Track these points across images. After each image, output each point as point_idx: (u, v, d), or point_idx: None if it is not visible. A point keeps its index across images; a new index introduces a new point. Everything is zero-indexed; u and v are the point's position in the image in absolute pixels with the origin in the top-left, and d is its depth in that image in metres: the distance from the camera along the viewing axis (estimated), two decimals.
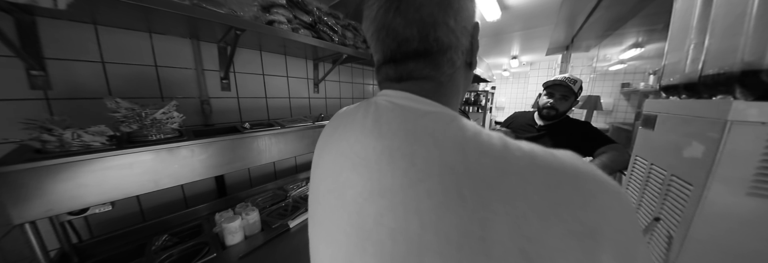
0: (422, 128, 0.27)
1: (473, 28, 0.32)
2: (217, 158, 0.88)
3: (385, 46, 0.32)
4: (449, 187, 0.22)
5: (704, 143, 0.50)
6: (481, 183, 0.21)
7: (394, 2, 0.29)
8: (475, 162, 0.22)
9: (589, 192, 0.21)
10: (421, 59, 0.31)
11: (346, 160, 0.31)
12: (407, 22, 0.29)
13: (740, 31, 0.47)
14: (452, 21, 0.29)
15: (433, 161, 0.24)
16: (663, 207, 0.60)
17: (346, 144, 0.32)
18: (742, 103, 0.45)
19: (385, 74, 0.34)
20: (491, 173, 0.22)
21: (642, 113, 0.76)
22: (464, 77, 0.35)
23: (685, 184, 0.54)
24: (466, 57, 0.33)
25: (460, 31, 0.30)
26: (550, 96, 1.32)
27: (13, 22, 0.70)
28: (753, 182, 0.45)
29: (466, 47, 0.32)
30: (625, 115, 3.68)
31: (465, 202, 0.21)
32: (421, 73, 0.31)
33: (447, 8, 0.29)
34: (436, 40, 0.30)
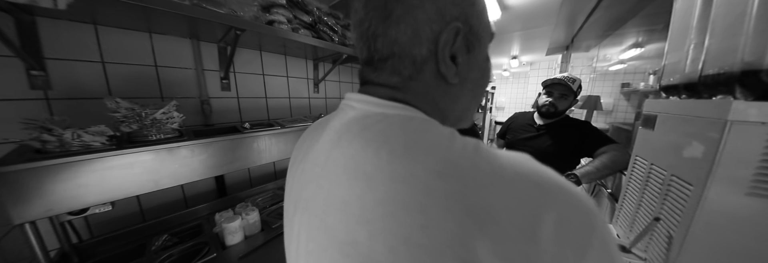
0: (378, 131, 0.26)
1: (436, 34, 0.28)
2: (217, 158, 0.88)
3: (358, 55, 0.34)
4: (393, 195, 0.21)
5: (704, 143, 0.50)
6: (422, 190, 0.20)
7: (353, 18, 0.32)
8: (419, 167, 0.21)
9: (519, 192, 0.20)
10: (368, 66, 0.32)
11: (309, 171, 0.30)
12: (358, 36, 0.31)
13: (740, 31, 0.47)
14: (392, 31, 0.28)
15: (379, 169, 0.23)
16: (663, 207, 0.60)
17: (311, 154, 0.31)
18: (742, 103, 0.45)
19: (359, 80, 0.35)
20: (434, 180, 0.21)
21: (642, 113, 0.76)
22: (439, 92, 0.31)
23: (685, 184, 0.54)
24: (433, 65, 0.29)
25: (405, 40, 0.28)
26: (549, 95, 1.32)
27: (13, 22, 0.70)
28: (753, 182, 0.45)
29: (423, 56, 0.29)
30: (625, 115, 3.68)
31: (407, 211, 0.20)
32: (369, 77, 0.32)
33: (385, 19, 0.28)
34: (376, 51, 0.30)
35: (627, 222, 0.77)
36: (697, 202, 0.49)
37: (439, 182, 0.20)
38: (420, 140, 0.24)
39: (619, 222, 0.82)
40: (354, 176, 0.24)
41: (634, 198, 0.75)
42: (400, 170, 0.22)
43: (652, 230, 0.61)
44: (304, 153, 0.34)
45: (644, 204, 0.69)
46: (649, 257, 0.60)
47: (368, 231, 0.21)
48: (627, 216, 0.77)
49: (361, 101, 0.31)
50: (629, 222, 0.75)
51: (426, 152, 0.22)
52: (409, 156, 0.22)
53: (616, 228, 0.85)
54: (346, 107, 0.32)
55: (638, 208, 0.72)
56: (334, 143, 0.28)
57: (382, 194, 0.22)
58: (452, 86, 0.31)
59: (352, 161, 0.25)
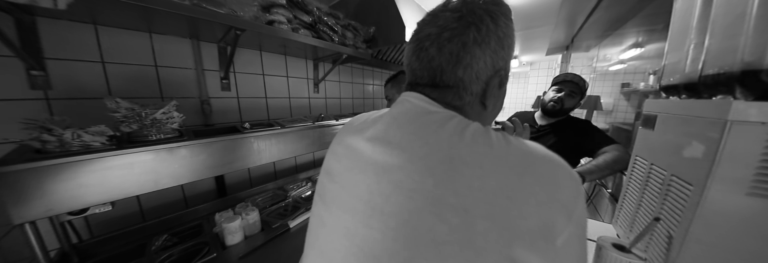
0: (432, 120, 0.36)
1: (489, 77, 0.39)
2: (217, 158, 0.88)
3: (409, 76, 0.44)
4: (453, 156, 0.31)
5: (704, 143, 0.50)
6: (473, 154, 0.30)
7: (417, 51, 0.40)
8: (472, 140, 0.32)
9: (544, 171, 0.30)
10: (433, 88, 0.41)
11: (369, 142, 0.39)
12: (422, 67, 0.40)
13: (740, 31, 0.47)
14: (460, 72, 0.38)
15: (441, 140, 0.32)
16: (663, 207, 0.60)
17: (369, 131, 0.40)
18: (742, 103, 0.45)
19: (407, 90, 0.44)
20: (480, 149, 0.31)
21: (642, 113, 0.76)
22: (476, 115, 0.42)
23: (685, 184, 0.54)
24: (479, 98, 0.41)
25: (468, 79, 0.38)
26: (559, 91, 1.31)
27: (13, 22, 0.70)
28: (753, 182, 0.45)
29: (478, 91, 0.40)
30: (625, 115, 3.67)
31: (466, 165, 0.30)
32: (431, 95, 0.41)
33: (456, 63, 0.37)
34: (442, 81, 0.39)
35: (627, 222, 0.76)
36: (697, 202, 0.49)
37: (488, 150, 0.31)
38: (470, 126, 0.34)
39: (619, 222, 0.82)
40: (419, 143, 0.33)
41: (634, 197, 0.75)
42: (457, 141, 0.32)
43: (652, 230, 0.61)
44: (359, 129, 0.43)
45: (644, 204, 0.69)
46: (649, 257, 0.60)
47: (434, 181, 0.30)
48: (627, 216, 0.77)
49: (420, 99, 0.40)
50: (629, 222, 0.75)
51: (474, 132, 0.33)
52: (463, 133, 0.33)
53: (616, 228, 0.85)
54: (405, 101, 0.41)
55: (638, 208, 0.72)
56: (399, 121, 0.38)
57: (445, 155, 0.31)
58: (485, 111, 0.43)
59: (415, 134, 0.35)
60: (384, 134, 0.38)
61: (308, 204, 1.27)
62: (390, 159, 0.34)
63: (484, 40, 0.37)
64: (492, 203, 0.27)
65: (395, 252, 0.29)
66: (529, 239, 0.26)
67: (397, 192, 0.31)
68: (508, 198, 0.27)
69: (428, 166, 0.31)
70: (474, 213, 0.27)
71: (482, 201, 0.27)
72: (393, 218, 0.30)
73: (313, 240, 0.42)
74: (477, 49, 0.37)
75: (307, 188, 1.48)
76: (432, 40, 0.38)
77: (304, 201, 1.34)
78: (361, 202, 0.34)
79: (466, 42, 0.36)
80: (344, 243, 0.34)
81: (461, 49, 0.37)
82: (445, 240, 0.27)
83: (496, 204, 0.27)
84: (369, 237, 0.32)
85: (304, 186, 1.50)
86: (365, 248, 0.32)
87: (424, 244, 0.28)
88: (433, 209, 0.28)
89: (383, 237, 0.30)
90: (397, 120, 0.39)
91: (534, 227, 0.27)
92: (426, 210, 0.29)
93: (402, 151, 0.34)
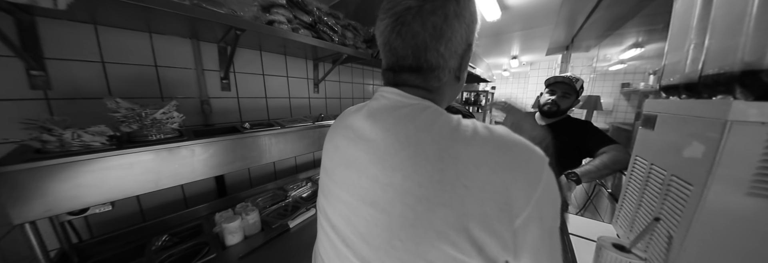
0: (404, 114, 0.37)
1: (464, 50, 0.40)
2: (217, 158, 0.88)
3: (387, 58, 0.42)
4: (418, 152, 0.33)
5: (704, 143, 0.50)
6: (437, 149, 0.33)
7: (397, 26, 0.37)
8: (437, 135, 0.34)
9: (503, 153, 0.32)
10: (413, 73, 0.40)
11: (351, 141, 0.41)
12: (405, 45, 0.38)
13: (740, 31, 0.47)
14: (442, 47, 0.37)
15: (410, 137, 0.35)
16: (663, 207, 0.60)
17: (352, 130, 0.42)
18: (742, 103, 0.45)
19: (386, 79, 0.44)
20: (444, 143, 0.33)
21: (642, 113, 0.76)
22: (450, 88, 0.44)
23: (685, 184, 0.54)
24: (455, 73, 0.42)
25: (449, 55, 0.38)
26: (552, 93, 1.32)
27: (13, 22, 0.70)
28: (753, 182, 0.45)
29: (455, 66, 0.41)
30: (625, 115, 3.67)
31: (428, 161, 0.32)
32: (413, 83, 0.41)
33: (439, 37, 0.36)
34: (426, 61, 0.38)
35: (627, 222, 0.77)
36: (697, 202, 0.49)
37: (451, 144, 0.32)
38: (437, 120, 0.36)
39: (619, 222, 0.82)
40: (390, 141, 0.36)
41: (634, 197, 0.75)
42: (425, 136, 0.34)
43: (652, 230, 0.61)
44: (343, 128, 0.45)
45: (644, 204, 0.69)
46: (649, 257, 0.60)
47: (402, 175, 0.33)
48: (627, 216, 0.77)
49: (394, 93, 0.41)
50: (629, 222, 0.75)
51: (441, 127, 0.35)
52: (430, 129, 0.35)
53: (616, 228, 0.85)
54: (383, 98, 0.42)
55: (638, 208, 0.72)
56: (375, 119, 0.40)
57: (411, 151, 0.34)
58: (457, 83, 0.44)
59: (389, 131, 0.37)
60: (361, 132, 0.40)
61: (308, 204, 1.28)
62: (367, 156, 0.38)
63: (462, 12, 0.36)
64: (450, 192, 0.30)
65: (377, 234, 0.35)
66: (485, 222, 0.30)
67: (374, 186, 0.36)
68: (464, 187, 0.30)
69: (398, 162, 0.34)
70: (435, 201, 0.31)
71: (441, 191, 0.31)
72: (373, 207, 0.35)
73: (320, 228, 0.48)
74: (456, 22, 0.36)
75: (307, 188, 1.48)
76: (414, 14, 0.35)
77: (304, 201, 1.34)
78: (348, 194, 0.39)
79: (448, 15, 0.35)
80: (341, 228, 0.40)
81: (444, 22, 0.35)
82: (413, 224, 0.32)
83: (454, 193, 0.30)
84: (358, 223, 0.37)
85: (304, 186, 1.50)
86: (356, 232, 0.38)
87: (398, 227, 0.33)
88: (402, 199, 0.33)
89: (367, 223, 0.36)
90: (373, 116, 0.40)
91: (490, 211, 0.30)
92: (397, 200, 0.33)
93: (376, 148, 0.37)
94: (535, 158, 0.33)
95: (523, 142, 0.34)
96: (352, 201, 0.39)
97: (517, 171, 0.31)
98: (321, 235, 0.47)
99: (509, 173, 0.31)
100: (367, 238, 0.36)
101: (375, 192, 0.35)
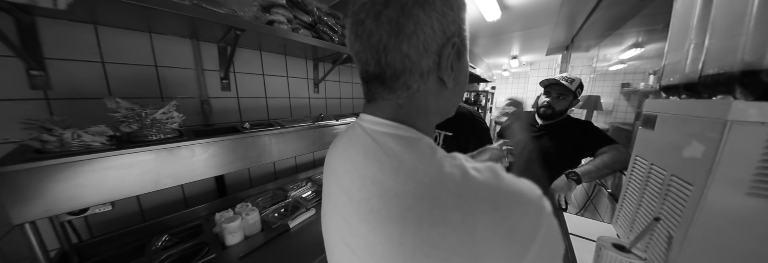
0: (373, 151, 0.32)
1: (441, 45, 0.32)
2: (217, 158, 0.88)
3: (357, 64, 0.36)
4: (382, 206, 0.28)
5: (704, 143, 0.50)
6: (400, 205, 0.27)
7: (354, 27, 0.32)
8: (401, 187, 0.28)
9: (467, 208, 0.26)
10: (379, 83, 0.34)
11: (331, 171, 0.39)
12: (363, 47, 0.33)
13: (740, 31, 0.47)
14: (405, 45, 0.30)
15: (376, 183, 0.30)
16: (663, 207, 0.60)
17: (334, 161, 0.39)
18: (742, 103, 0.45)
19: (363, 93, 0.38)
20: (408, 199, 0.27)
21: (642, 113, 0.76)
22: (436, 97, 0.35)
23: (685, 184, 0.54)
24: (436, 74, 0.34)
25: (417, 53, 0.31)
26: (547, 95, 1.32)
27: (13, 22, 0.70)
28: (753, 182, 0.45)
29: (430, 67, 0.33)
30: (625, 115, 3.67)
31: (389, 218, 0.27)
32: (381, 95, 0.35)
33: (397, 34, 0.30)
34: (388, 65, 0.32)
35: (627, 222, 0.77)
36: (697, 202, 0.49)
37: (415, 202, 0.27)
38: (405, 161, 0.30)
39: (619, 222, 0.82)
40: (357, 185, 0.32)
41: (634, 197, 0.75)
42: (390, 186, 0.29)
43: (652, 230, 0.61)
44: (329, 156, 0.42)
45: (644, 204, 0.69)
46: (649, 257, 0.60)
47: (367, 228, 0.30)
48: (627, 216, 0.77)
49: (368, 122, 0.36)
50: (629, 222, 0.75)
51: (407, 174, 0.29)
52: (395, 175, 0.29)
53: (616, 228, 0.85)
54: (358, 126, 0.38)
55: (638, 208, 0.72)
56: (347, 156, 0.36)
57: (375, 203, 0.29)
58: (447, 90, 0.36)
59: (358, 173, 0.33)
60: (339, 170, 0.37)
61: (308, 204, 1.28)
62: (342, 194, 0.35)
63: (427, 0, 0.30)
64: (411, 259, 0.26)
65: None
66: None
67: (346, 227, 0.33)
68: (426, 256, 0.25)
69: (364, 212, 0.30)
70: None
71: (399, 254, 0.26)
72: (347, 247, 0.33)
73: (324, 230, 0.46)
74: (420, 11, 0.30)
75: (307, 188, 1.48)
76: (367, 10, 0.31)
77: (304, 201, 1.34)
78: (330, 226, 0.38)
79: (404, 4, 0.29)
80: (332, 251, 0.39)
81: (400, 14, 0.29)
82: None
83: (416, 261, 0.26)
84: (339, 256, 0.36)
85: (304, 186, 1.50)
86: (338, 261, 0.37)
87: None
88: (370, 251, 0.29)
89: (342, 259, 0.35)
90: (347, 152, 0.36)
91: None
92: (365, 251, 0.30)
93: (348, 188, 0.33)
94: (523, 224, 0.25)
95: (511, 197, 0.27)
96: (333, 235, 0.37)
97: (495, 243, 0.24)
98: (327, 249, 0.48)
99: (482, 246, 0.24)
100: None
101: (347, 233, 0.33)
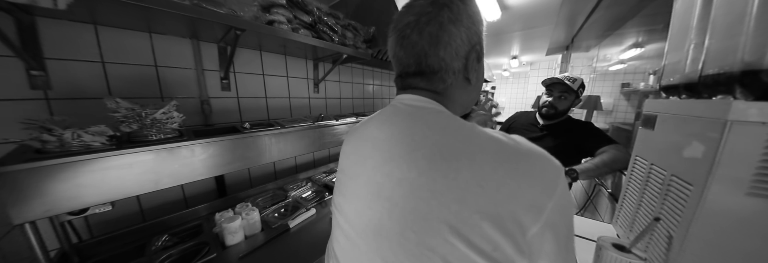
0: (419, 117, 0.41)
1: (467, 52, 0.42)
2: (217, 158, 0.88)
3: (396, 67, 0.47)
4: (434, 151, 0.36)
5: (704, 143, 0.50)
6: (452, 150, 0.35)
7: (399, 40, 0.43)
8: (452, 138, 0.36)
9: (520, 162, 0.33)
10: (418, 77, 0.44)
11: (367, 141, 0.45)
12: (407, 54, 0.43)
13: (740, 31, 0.47)
14: (442, 51, 0.41)
15: (425, 137, 0.38)
16: (663, 207, 0.60)
17: (368, 132, 0.47)
18: (742, 103, 0.45)
19: (397, 85, 0.49)
20: (459, 144, 0.35)
21: (642, 113, 0.76)
22: (461, 92, 0.46)
23: (685, 184, 0.54)
24: (463, 74, 0.44)
25: (450, 57, 0.42)
26: (549, 95, 1.32)
27: (13, 22, 0.70)
28: (753, 182, 0.45)
29: (459, 67, 0.43)
30: (625, 115, 3.67)
31: (444, 159, 0.34)
32: (418, 85, 0.45)
33: (436, 43, 0.41)
34: (428, 66, 0.42)
35: (627, 222, 0.77)
36: (697, 202, 0.49)
37: (467, 146, 0.35)
38: (451, 124, 0.39)
39: (619, 222, 0.82)
40: (406, 141, 0.39)
41: (634, 197, 0.75)
42: (439, 138, 0.37)
43: (652, 230, 0.61)
44: (361, 130, 0.49)
45: (644, 204, 0.69)
46: (649, 257, 0.60)
47: (417, 171, 0.36)
48: (627, 216, 0.77)
49: (409, 99, 0.45)
50: (629, 222, 0.75)
51: (455, 130, 0.37)
52: (444, 131, 0.37)
53: (616, 228, 0.85)
54: (398, 103, 0.46)
55: (638, 208, 0.72)
56: (391, 122, 0.44)
57: (427, 151, 0.36)
58: (470, 86, 0.47)
59: (404, 133, 0.40)
60: (377, 133, 0.44)
61: (308, 204, 1.27)
62: (381, 155, 0.41)
63: (458, 18, 0.41)
64: (465, 189, 0.32)
65: (390, 227, 0.36)
66: (499, 223, 0.31)
67: (389, 181, 0.38)
68: (480, 187, 0.31)
69: (413, 160, 0.37)
70: (449, 196, 0.32)
71: (456, 188, 0.32)
72: (388, 201, 0.37)
73: (335, 224, 0.50)
74: (452, 27, 0.40)
75: (307, 188, 1.48)
76: (412, 27, 0.41)
77: (304, 201, 1.34)
78: (364, 190, 0.42)
79: (442, 22, 0.40)
80: (356, 222, 0.42)
81: (439, 30, 0.40)
82: (426, 217, 0.33)
83: (469, 191, 0.32)
84: (373, 216, 0.39)
85: (304, 186, 1.50)
86: (370, 224, 0.39)
87: (411, 220, 0.34)
88: (417, 193, 0.35)
89: (381, 216, 0.38)
90: (390, 119, 0.44)
91: (504, 213, 0.31)
92: (411, 194, 0.35)
93: (391, 146, 0.40)
94: (551, 168, 0.34)
95: (540, 151, 0.35)
96: (367, 196, 0.41)
97: (534, 179, 0.32)
98: (336, 232, 0.50)
99: (525, 180, 0.32)
100: (380, 230, 0.38)
101: (389, 187, 0.38)
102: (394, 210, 0.36)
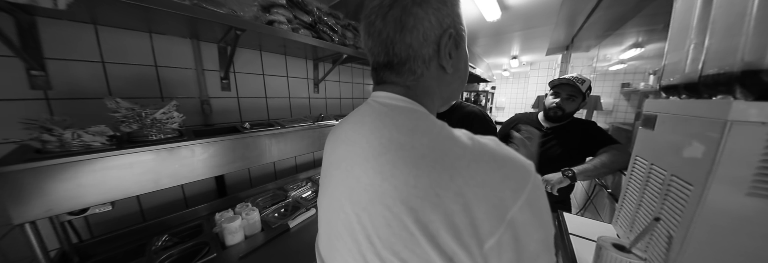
0: (389, 117, 0.39)
1: (438, 35, 0.39)
2: (217, 158, 0.88)
3: (369, 57, 0.45)
4: (399, 156, 0.34)
5: (704, 143, 0.50)
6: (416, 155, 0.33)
7: (367, 27, 0.41)
8: (417, 142, 0.34)
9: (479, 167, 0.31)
10: (387, 69, 0.42)
11: (342, 143, 0.44)
12: (374, 43, 0.41)
13: (740, 31, 0.47)
14: (408, 37, 0.38)
15: (392, 140, 0.36)
16: (663, 207, 0.60)
17: (343, 132, 0.45)
18: (742, 103, 0.45)
19: (373, 77, 0.47)
20: (424, 149, 0.33)
21: (642, 113, 0.76)
22: (438, 82, 0.43)
23: (685, 184, 0.54)
24: (436, 62, 0.41)
25: (418, 44, 0.39)
26: (556, 96, 1.27)
27: (13, 22, 0.70)
28: (753, 183, 0.45)
29: (430, 54, 0.40)
30: (625, 115, 3.67)
31: (406, 165, 0.33)
32: (390, 79, 0.43)
33: (401, 29, 0.38)
34: (395, 55, 0.40)
35: (627, 222, 0.77)
36: (697, 202, 0.49)
37: (429, 151, 0.33)
38: (420, 125, 0.36)
39: (619, 222, 0.82)
40: (374, 144, 0.37)
41: (634, 197, 0.75)
42: (406, 141, 0.35)
43: (652, 230, 0.61)
44: (338, 130, 0.47)
45: (644, 204, 0.69)
46: (649, 257, 0.60)
47: (381, 177, 0.34)
48: (627, 216, 0.77)
49: (382, 97, 0.42)
50: (629, 222, 0.75)
51: (422, 133, 0.35)
52: (412, 134, 0.35)
53: (616, 228, 0.85)
54: (372, 101, 0.44)
55: (638, 208, 0.72)
56: (363, 123, 0.41)
57: (392, 156, 0.34)
58: (448, 75, 0.43)
59: (374, 134, 0.38)
60: (350, 134, 0.42)
61: (308, 204, 1.28)
62: (352, 157, 0.40)
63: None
64: (423, 198, 0.31)
65: (359, 231, 0.36)
66: (455, 233, 0.29)
67: (357, 186, 0.37)
68: (436, 196, 0.30)
69: (379, 164, 0.35)
70: (408, 205, 0.31)
71: (414, 196, 0.31)
72: (356, 205, 0.37)
73: (319, 223, 0.50)
74: (418, 9, 0.37)
75: (307, 188, 1.48)
76: (376, 13, 0.39)
77: (304, 201, 1.34)
78: (338, 192, 0.41)
79: (405, 5, 0.37)
80: (333, 222, 0.42)
81: (402, 13, 0.37)
82: (389, 224, 0.33)
83: (427, 200, 0.30)
84: (344, 219, 0.39)
85: (304, 186, 1.50)
86: (343, 227, 0.39)
87: (378, 226, 0.34)
88: (381, 199, 0.34)
89: (350, 220, 0.37)
90: (363, 120, 0.42)
91: (460, 224, 0.29)
92: (376, 200, 0.34)
93: (361, 149, 0.39)
94: (514, 175, 0.31)
95: (507, 156, 0.33)
96: (340, 198, 0.40)
97: (491, 187, 0.30)
98: (320, 230, 0.50)
99: (480, 189, 0.29)
100: (351, 233, 0.37)
101: (358, 191, 0.37)
102: (362, 214, 0.35)
